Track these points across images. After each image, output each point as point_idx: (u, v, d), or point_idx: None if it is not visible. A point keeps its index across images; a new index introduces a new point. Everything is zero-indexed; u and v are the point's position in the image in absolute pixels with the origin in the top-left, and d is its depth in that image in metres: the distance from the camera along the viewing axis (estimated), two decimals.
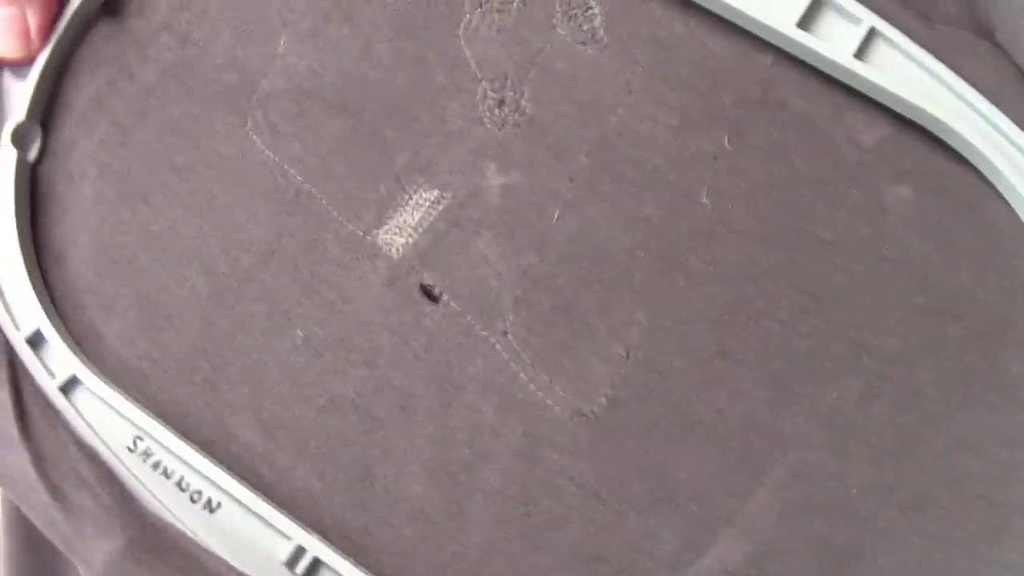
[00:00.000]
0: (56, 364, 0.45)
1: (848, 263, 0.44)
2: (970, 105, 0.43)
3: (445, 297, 0.46)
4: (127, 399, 0.45)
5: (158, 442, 0.44)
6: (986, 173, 0.42)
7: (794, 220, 0.45)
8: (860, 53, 0.44)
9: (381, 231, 0.47)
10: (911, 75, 0.44)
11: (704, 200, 0.45)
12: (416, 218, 0.47)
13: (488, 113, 0.48)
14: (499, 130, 0.48)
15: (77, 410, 0.45)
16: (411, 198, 0.47)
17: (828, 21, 0.45)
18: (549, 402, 0.44)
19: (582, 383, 0.44)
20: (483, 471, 0.44)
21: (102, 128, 0.50)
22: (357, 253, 0.47)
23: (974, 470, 0.41)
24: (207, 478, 0.43)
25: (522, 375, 0.44)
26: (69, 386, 0.45)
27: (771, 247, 0.45)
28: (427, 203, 0.47)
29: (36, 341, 0.46)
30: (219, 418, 0.46)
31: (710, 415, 0.43)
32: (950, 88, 0.43)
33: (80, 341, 0.48)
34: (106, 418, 0.45)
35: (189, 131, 0.49)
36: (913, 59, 0.44)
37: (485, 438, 0.44)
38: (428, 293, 0.46)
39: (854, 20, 0.44)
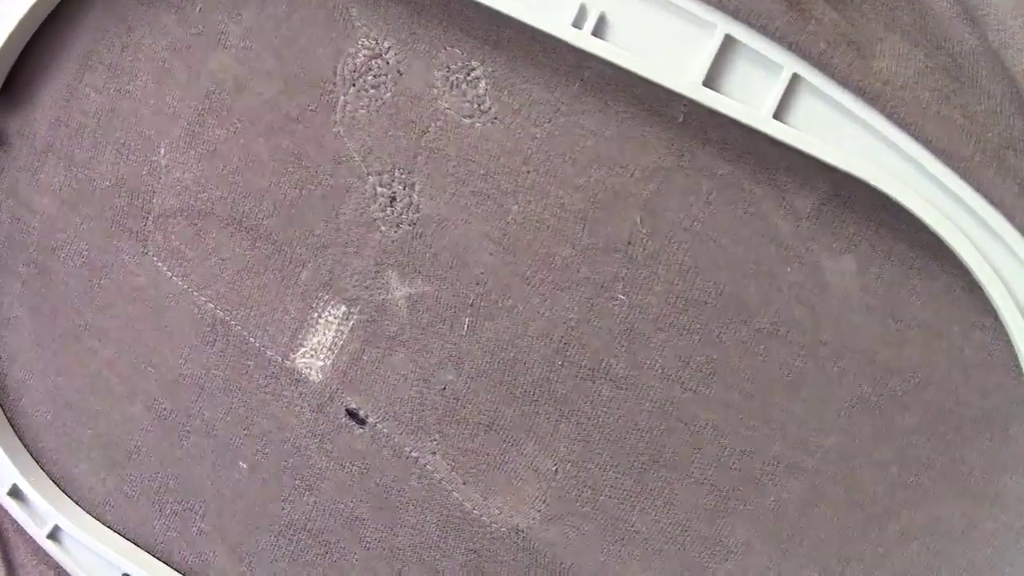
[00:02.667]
0: (39, 515, 0.60)
1: (785, 355, 0.50)
2: (915, 162, 0.48)
3: (371, 419, 0.56)
4: (110, 541, 0.60)
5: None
6: (938, 231, 0.48)
7: (723, 309, 0.53)
8: (782, 109, 0.47)
9: (298, 355, 0.57)
10: (844, 132, 0.48)
11: (621, 295, 0.51)
12: (329, 338, 0.56)
13: (381, 213, 0.55)
14: (395, 231, 0.55)
15: (68, 553, 0.60)
16: (320, 317, 0.57)
17: (742, 72, 0.48)
18: (485, 519, 0.54)
19: (515, 500, 0.54)
20: None
21: (20, 268, 0.61)
22: (281, 380, 0.58)
23: (924, 566, 0.48)
24: None
25: (456, 494, 0.55)
26: (55, 533, 0.60)
27: (699, 343, 0.54)
28: (336, 320, 0.56)
29: (17, 493, 0.60)
30: (193, 547, 0.61)
31: (646, 525, 0.52)
32: (890, 143, 0.48)
33: (58, 482, 0.63)
34: (94, 559, 0.60)
35: (100, 264, 0.64)
36: (845, 112, 0.47)
37: (432, 555, 0.56)
38: (354, 416, 0.56)
39: (772, 68, 0.47)
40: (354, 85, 0.57)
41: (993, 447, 0.50)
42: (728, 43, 0.49)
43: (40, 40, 0.63)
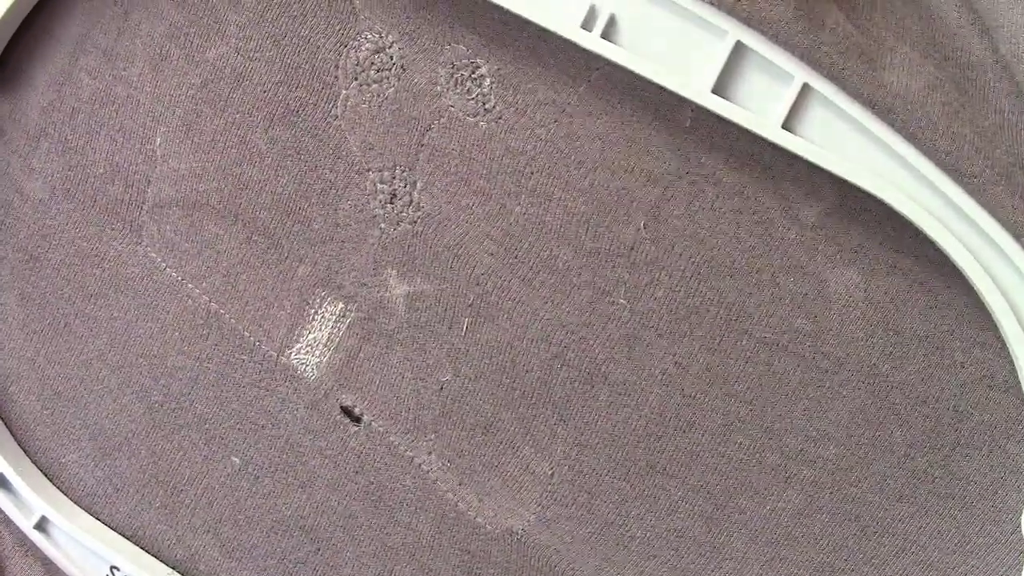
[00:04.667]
0: (27, 505, 0.60)
1: (785, 365, 0.50)
2: (923, 178, 0.47)
3: (366, 417, 0.56)
4: (98, 533, 0.59)
5: (134, 570, 0.58)
6: (943, 246, 0.48)
7: (724, 317, 0.53)
8: (791, 119, 0.47)
9: (294, 351, 0.57)
10: (853, 144, 0.49)
11: (622, 300, 0.51)
12: (325, 335, 0.56)
13: (381, 210, 0.55)
14: (395, 229, 0.54)
15: (55, 545, 0.60)
16: (316, 313, 0.56)
17: (752, 80, 0.48)
18: (480, 521, 0.54)
19: (511, 502, 0.54)
20: None
21: (9, 254, 0.60)
22: (275, 375, 0.57)
23: None
24: None
25: (450, 495, 0.54)
26: (42, 524, 0.60)
27: (699, 350, 0.54)
28: (333, 317, 0.56)
29: (3, 483, 0.60)
30: (183, 540, 0.60)
31: (642, 531, 0.52)
32: (899, 158, 0.47)
33: (46, 472, 0.62)
34: (82, 552, 0.60)
35: (91, 253, 0.63)
36: (855, 124, 0.46)
37: (425, 555, 0.56)
38: (349, 414, 0.56)
39: (783, 77, 0.46)
40: (356, 79, 0.56)
41: (990, 463, 0.50)
42: (739, 50, 0.48)
43: (34, 22, 0.62)
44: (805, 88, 0.48)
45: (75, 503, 0.65)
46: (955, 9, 0.50)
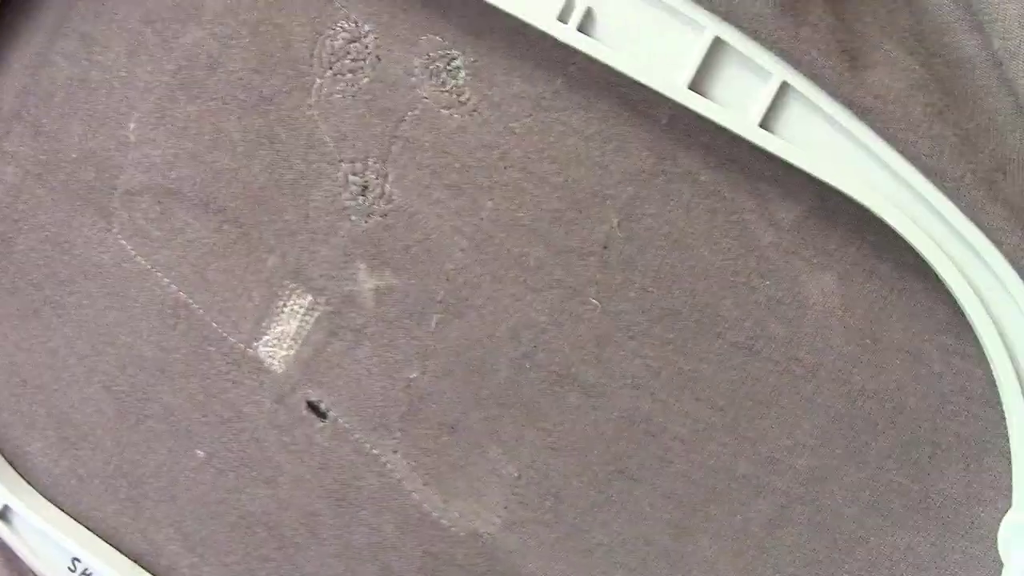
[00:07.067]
0: None
1: (758, 371, 0.49)
2: (903, 181, 0.46)
3: (332, 413, 0.55)
4: (61, 524, 0.59)
5: (95, 562, 0.58)
6: (923, 253, 0.47)
7: (697, 321, 0.52)
8: (768, 117, 0.46)
9: (261, 343, 0.56)
10: (832, 144, 0.47)
11: (594, 300, 0.50)
12: (293, 327, 0.55)
13: (352, 202, 0.54)
14: (366, 222, 0.54)
15: (17, 535, 0.59)
16: (285, 305, 0.55)
17: (730, 77, 0.47)
18: (444, 522, 0.53)
19: (476, 504, 0.53)
20: None
21: None
22: (243, 368, 0.56)
23: None
24: None
25: (415, 495, 0.53)
26: (5, 513, 0.59)
27: (671, 353, 0.52)
28: (301, 310, 0.55)
29: None
30: (145, 533, 0.60)
31: (608, 537, 0.51)
32: (879, 160, 0.46)
33: (11, 460, 0.61)
34: (44, 542, 0.59)
35: (63, 239, 0.62)
36: (834, 124, 0.45)
37: (389, 556, 0.55)
38: (315, 409, 0.55)
39: (762, 75, 0.45)
40: (331, 68, 0.55)
41: (968, 477, 0.49)
42: (717, 46, 0.47)
43: (11, 3, 0.61)
44: (784, 86, 0.46)
45: (39, 493, 0.64)
46: (949, 2, 0.49)
